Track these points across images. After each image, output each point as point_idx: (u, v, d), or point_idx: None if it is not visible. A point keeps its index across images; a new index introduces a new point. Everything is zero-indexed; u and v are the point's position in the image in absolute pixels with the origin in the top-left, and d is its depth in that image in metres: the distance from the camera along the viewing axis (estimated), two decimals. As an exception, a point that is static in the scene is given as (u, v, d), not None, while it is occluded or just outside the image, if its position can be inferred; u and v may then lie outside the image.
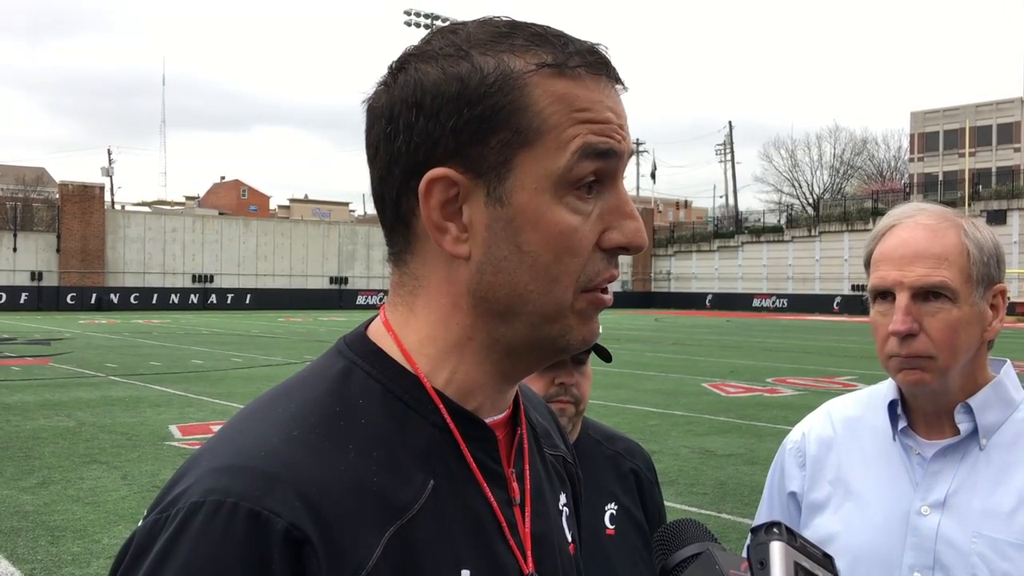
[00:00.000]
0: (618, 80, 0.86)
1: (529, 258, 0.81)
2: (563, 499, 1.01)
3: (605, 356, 1.92)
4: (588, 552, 1.07)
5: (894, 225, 1.54)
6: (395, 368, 0.86)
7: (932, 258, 1.48)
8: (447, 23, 0.87)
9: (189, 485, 0.75)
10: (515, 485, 0.90)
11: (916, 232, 1.50)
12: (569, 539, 0.99)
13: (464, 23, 0.85)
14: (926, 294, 1.48)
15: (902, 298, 1.48)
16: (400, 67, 0.84)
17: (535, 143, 0.81)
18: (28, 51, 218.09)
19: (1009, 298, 1.63)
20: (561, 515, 0.99)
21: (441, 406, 0.85)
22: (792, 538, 0.81)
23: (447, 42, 0.83)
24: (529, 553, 0.89)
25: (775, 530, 0.81)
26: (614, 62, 0.86)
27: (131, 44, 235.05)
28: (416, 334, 0.86)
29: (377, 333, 0.89)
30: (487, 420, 0.89)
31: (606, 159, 0.82)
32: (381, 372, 0.85)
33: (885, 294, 1.52)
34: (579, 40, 0.85)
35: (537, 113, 0.81)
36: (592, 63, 0.83)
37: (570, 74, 0.82)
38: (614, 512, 1.98)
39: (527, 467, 0.94)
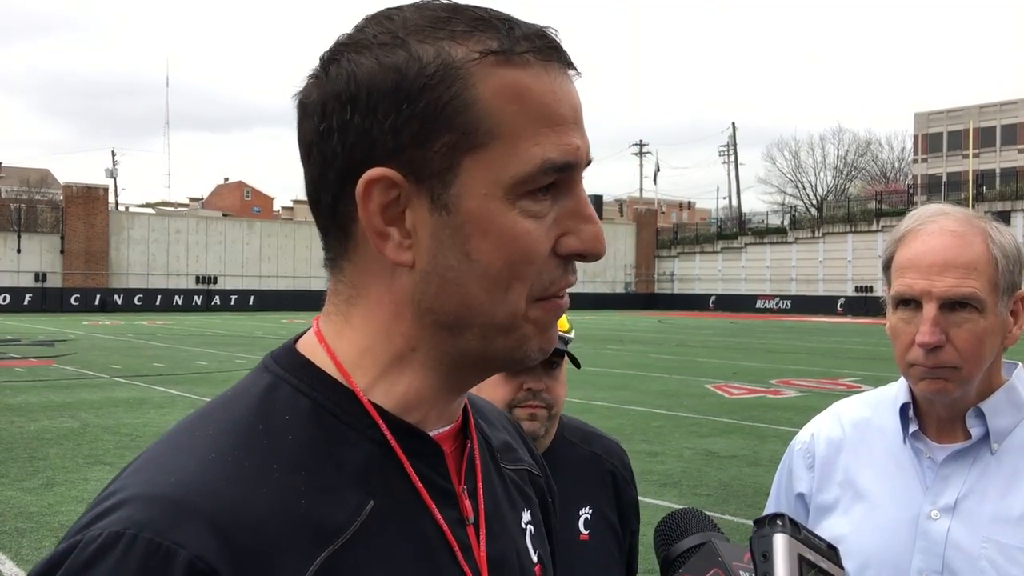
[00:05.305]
0: (570, 65, 0.78)
1: (479, 267, 0.75)
2: (526, 516, 0.93)
3: (575, 362, 1.91)
4: (559, 560, 1.01)
5: (917, 229, 1.50)
6: (327, 381, 0.79)
7: (961, 267, 1.43)
8: (382, 8, 0.79)
9: (93, 517, 0.70)
10: (467, 503, 0.83)
11: (944, 239, 1.46)
12: (535, 560, 0.91)
13: (400, 7, 0.77)
14: (953, 304, 1.44)
15: (930, 309, 1.44)
16: (332, 58, 0.76)
17: (486, 146, 0.73)
18: (18, 54, 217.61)
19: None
20: (524, 534, 0.91)
21: (379, 420, 0.78)
22: (796, 530, 0.80)
23: (382, 29, 0.75)
24: None
25: (778, 522, 0.80)
26: (564, 45, 0.78)
27: (132, 46, 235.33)
28: (353, 346, 0.79)
29: (308, 346, 0.82)
30: (432, 433, 0.81)
31: (568, 170, 0.76)
32: (310, 386, 0.78)
33: (909, 302, 1.47)
34: (526, 23, 0.77)
35: (487, 113, 0.73)
36: (541, 48, 0.76)
37: (518, 61, 0.74)
38: (588, 516, 1.90)
39: (480, 483, 0.86)
